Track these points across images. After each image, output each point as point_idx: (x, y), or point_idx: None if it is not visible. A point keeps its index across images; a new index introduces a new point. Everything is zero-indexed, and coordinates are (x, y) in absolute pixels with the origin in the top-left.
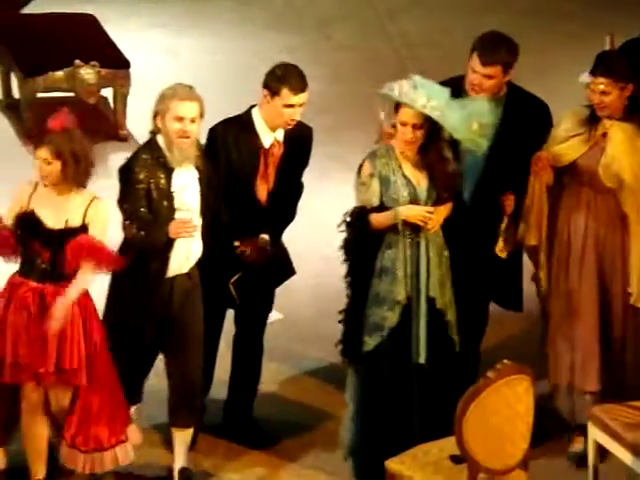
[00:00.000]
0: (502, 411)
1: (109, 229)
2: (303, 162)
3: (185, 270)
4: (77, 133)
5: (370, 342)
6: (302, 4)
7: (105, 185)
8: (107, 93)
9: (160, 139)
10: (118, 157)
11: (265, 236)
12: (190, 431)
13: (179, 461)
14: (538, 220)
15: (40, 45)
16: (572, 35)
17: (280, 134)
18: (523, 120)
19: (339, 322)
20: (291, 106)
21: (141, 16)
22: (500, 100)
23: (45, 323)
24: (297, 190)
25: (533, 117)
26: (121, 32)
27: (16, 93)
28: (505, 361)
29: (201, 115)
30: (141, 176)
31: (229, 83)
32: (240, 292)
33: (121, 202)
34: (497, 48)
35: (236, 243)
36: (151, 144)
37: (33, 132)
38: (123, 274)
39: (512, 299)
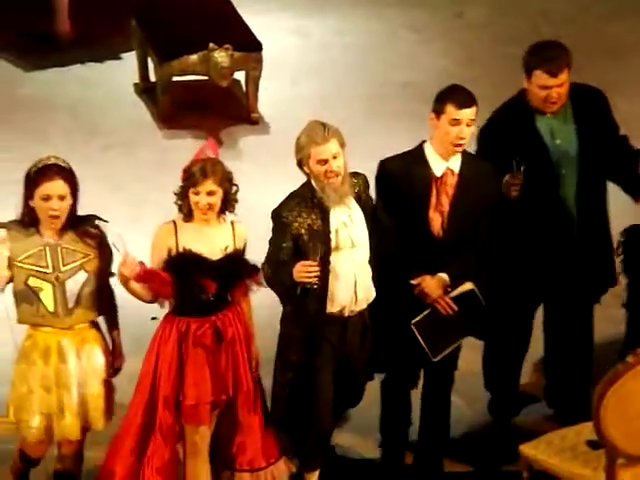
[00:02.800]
0: None
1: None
2: (487, 203)
3: (357, 309)
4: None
5: None
6: None
7: (235, 168)
8: (239, 76)
9: (313, 182)
10: (249, 140)
11: (444, 275)
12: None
13: None
14: None
15: (175, 29)
16: None
17: (455, 164)
18: (592, 112)
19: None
20: (457, 122)
21: None
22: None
23: (222, 354)
24: (482, 234)
25: (597, 104)
26: (252, 15)
27: (152, 77)
28: None
29: (342, 146)
30: (289, 219)
31: (357, 64)
32: (425, 336)
33: (269, 245)
34: (556, 54)
35: (413, 282)
36: (306, 187)
37: (168, 116)
38: (288, 317)
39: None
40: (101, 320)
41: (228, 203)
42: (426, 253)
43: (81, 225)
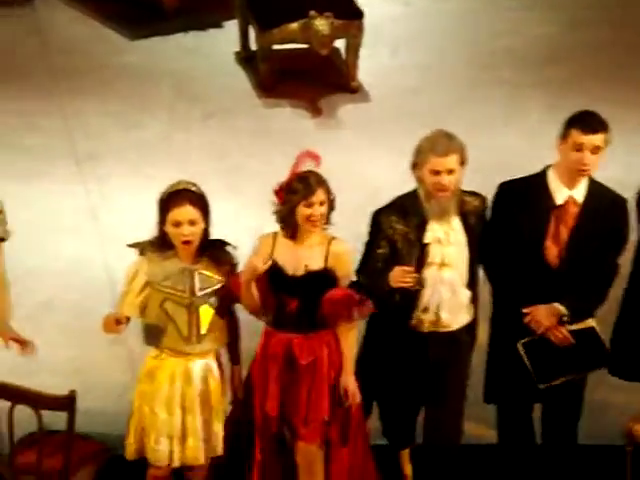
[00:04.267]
0: None
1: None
2: (613, 238)
3: (440, 329)
4: None
5: None
6: None
7: (335, 136)
8: (339, 44)
9: (420, 189)
10: (348, 109)
11: (559, 306)
12: None
13: None
14: None
15: None
16: None
17: (579, 192)
18: None
19: None
20: (580, 147)
21: None
22: None
23: (300, 378)
24: (607, 270)
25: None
26: None
27: (253, 45)
28: None
29: (462, 163)
30: (384, 226)
31: (458, 31)
32: (533, 359)
33: (365, 247)
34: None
35: (525, 310)
36: (411, 194)
37: (268, 84)
38: (373, 329)
39: None
40: None
41: (329, 213)
42: (540, 282)
43: (213, 250)
